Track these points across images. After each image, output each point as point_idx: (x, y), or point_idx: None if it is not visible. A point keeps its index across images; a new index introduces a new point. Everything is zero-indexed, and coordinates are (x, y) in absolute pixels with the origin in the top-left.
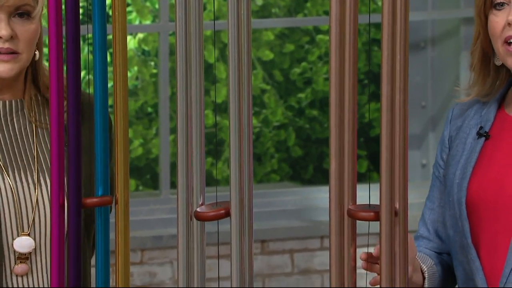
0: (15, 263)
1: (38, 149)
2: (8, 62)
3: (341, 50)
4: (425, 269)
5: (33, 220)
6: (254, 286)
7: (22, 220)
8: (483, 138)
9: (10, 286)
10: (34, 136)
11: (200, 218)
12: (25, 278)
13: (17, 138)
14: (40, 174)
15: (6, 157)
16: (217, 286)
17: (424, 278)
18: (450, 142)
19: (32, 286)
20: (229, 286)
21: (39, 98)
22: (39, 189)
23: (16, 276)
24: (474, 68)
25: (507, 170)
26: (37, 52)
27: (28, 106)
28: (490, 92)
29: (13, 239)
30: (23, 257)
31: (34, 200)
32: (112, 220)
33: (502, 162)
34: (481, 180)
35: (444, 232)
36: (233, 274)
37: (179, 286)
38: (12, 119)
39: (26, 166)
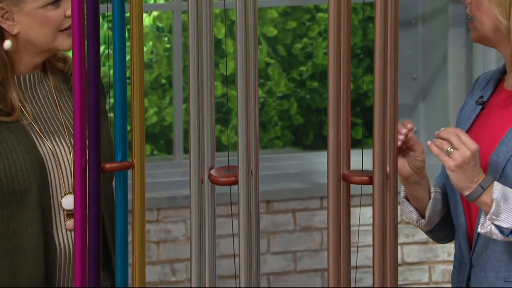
0: (66, 219)
1: (63, 116)
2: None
3: (338, 30)
4: (433, 190)
5: (74, 179)
6: (260, 242)
7: (63, 180)
8: (479, 107)
9: (64, 241)
10: (57, 104)
11: (214, 182)
12: None
13: (44, 107)
14: (71, 137)
15: (40, 124)
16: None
17: (429, 197)
18: (462, 108)
19: None
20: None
21: (54, 68)
22: (73, 151)
23: (69, 231)
24: None
25: (492, 138)
26: None
27: (51, 75)
28: None
29: (60, 197)
30: (72, 214)
31: (71, 161)
32: (130, 182)
33: (490, 130)
34: None
35: (443, 182)
36: (241, 232)
37: (192, 243)
38: (36, 91)
39: (58, 131)
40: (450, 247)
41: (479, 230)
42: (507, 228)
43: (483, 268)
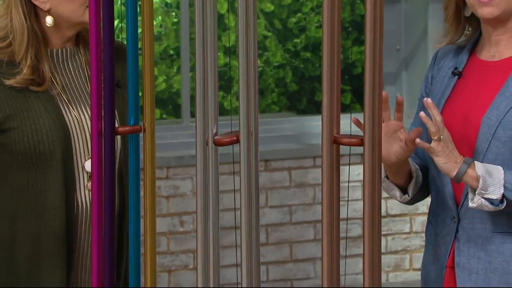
0: (88, 181)
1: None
2: None
3: (331, 5)
4: (414, 169)
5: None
6: (259, 197)
7: (87, 146)
8: (456, 77)
9: (85, 200)
10: (87, 76)
11: (218, 143)
12: None
13: (74, 79)
14: None
15: (68, 94)
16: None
17: (412, 176)
18: (432, 79)
19: None
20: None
21: (86, 43)
22: (91, 116)
23: (89, 191)
24: (448, 19)
25: (473, 104)
26: None
27: (84, 50)
28: (458, 39)
29: (84, 161)
30: None
31: None
32: (142, 143)
33: (469, 97)
34: (451, 111)
35: (422, 152)
36: (242, 188)
37: (198, 198)
38: (67, 64)
39: (85, 101)
40: (429, 200)
41: (470, 205)
42: (496, 199)
43: (471, 221)
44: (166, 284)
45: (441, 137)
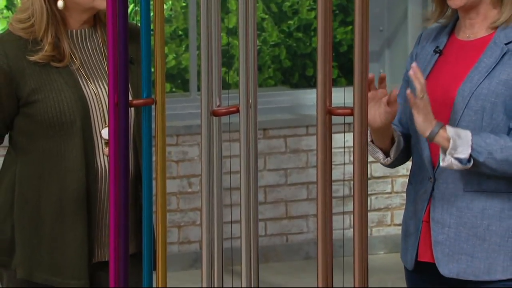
0: (105, 147)
1: (107, 64)
2: None
3: None
4: (396, 135)
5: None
6: (258, 162)
7: (104, 116)
8: (437, 55)
9: (102, 163)
10: (103, 54)
11: (216, 114)
12: None
13: (91, 56)
14: None
15: (86, 70)
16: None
17: (393, 141)
18: (416, 57)
19: None
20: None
21: (103, 25)
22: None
23: (106, 156)
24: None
25: (451, 78)
26: None
27: (101, 31)
28: (442, 17)
29: (101, 129)
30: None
31: None
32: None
33: (448, 72)
34: (432, 84)
35: (406, 122)
36: (242, 153)
37: (203, 163)
38: (85, 43)
39: (101, 76)
40: (408, 164)
41: (441, 164)
42: (464, 157)
43: (445, 181)
44: (176, 238)
45: (424, 96)
